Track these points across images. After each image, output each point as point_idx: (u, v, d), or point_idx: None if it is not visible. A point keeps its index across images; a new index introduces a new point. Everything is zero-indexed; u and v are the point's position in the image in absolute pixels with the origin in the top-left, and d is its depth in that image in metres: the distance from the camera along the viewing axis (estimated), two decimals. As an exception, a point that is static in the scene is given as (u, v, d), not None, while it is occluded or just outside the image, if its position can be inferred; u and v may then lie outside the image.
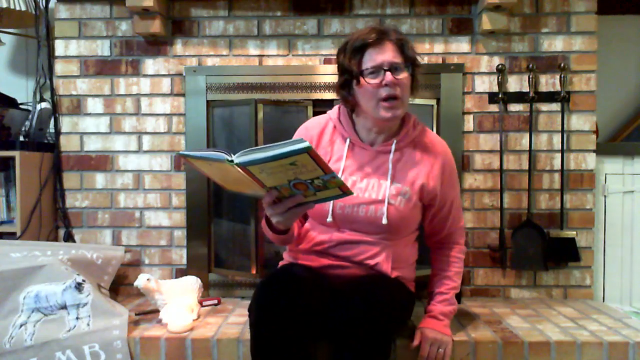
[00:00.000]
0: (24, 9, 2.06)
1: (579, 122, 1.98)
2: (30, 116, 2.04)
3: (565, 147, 1.97)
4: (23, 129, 2.05)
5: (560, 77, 1.96)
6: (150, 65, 2.04)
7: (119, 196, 2.06)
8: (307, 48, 2.01)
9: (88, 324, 1.55)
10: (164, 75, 2.04)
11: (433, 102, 1.96)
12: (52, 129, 2.09)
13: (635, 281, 2.07)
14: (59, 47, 2.05)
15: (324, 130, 1.48)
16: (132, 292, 1.99)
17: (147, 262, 2.06)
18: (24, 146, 1.94)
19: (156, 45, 2.04)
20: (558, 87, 1.97)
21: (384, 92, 1.32)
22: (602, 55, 2.04)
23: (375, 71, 1.33)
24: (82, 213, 2.06)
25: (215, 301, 1.91)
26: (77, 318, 1.55)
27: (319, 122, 1.50)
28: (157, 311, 1.69)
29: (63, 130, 2.06)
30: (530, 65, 1.95)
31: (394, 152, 1.42)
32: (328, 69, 1.98)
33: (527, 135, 1.97)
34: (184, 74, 2.02)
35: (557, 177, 1.98)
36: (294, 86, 1.97)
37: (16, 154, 1.89)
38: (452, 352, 1.44)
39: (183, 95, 2.03)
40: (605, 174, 2.07)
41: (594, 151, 1.98)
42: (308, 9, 2.00)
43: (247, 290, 2.00)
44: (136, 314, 1.70)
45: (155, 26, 1.94)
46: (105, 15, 2.04)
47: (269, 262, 1.95)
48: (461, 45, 1.98)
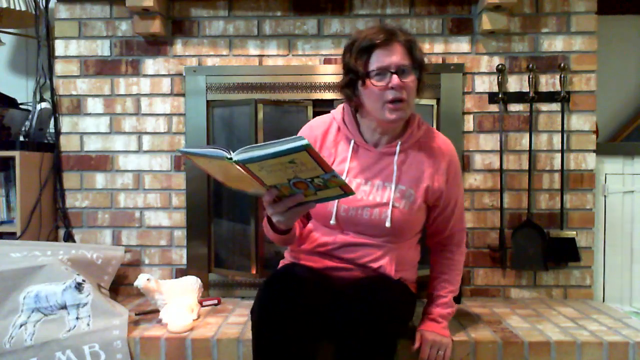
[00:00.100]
0: (24, 9, 2.06)
1: (579, 122, 1.98)
2: (30, 116, 2.04)
3: (565, 147, 1.97)
4: (23, 129, 2.05)
5: (560, 77, 1.96)
6: (150, 65, 2.04)
7: (119, 196, 2.06)
8: (307, 48, 2.01)
9: (88, 324, 1.55)
10: (164, 75, 2.04)
11: (433, 102, 1.96)
12: (52, 129, 2.08)
13: (635, 281, 2.07)
14: (59, 47, 2.05)
15: (328, 130, 1.46)
16: (132, 292, 1.99)
17: (147, 262, 2.06)
18: (24, 146, 1.94)
19: (156, 45, 2.04)
20: (558, 87, 1.97)
21: (390, 94, 1.30)
22: (602, 55, 2.04)
23: (382, 73, 1.30)
24: (82, 213, 2.06)
25: (215, 301, 1.91)
26: (77, 318, 1.55)
27: (323, 122, 1.48)
28: (157, 311, 1.69)
29: (63, 130, 2.06)
30: (530, 65, 1.95)
31: (399, 153, 1.40)
32: (328, 69, 1.98)
33: (527, 135, 1.97)
34: (184, 74, 2.02)
35: (557, 177, 1.98)
36: (294, 86, 1.97)
37: (16, 154, 1.89)
38: (452, 352, 1.44)
39: (183, 95, 2.03)
40: (605, 174, 2.07)
41: (594, 151, 1.98)
42: (308, 9, 2.00)
43: (247, 290, 2.00)
44: (136, 314, 1.70)
45: (155, 26, 1.94)
46: (105, 15, 2.04)
47: (269, 262, 1.95)
48: (461, 45, 1.98)
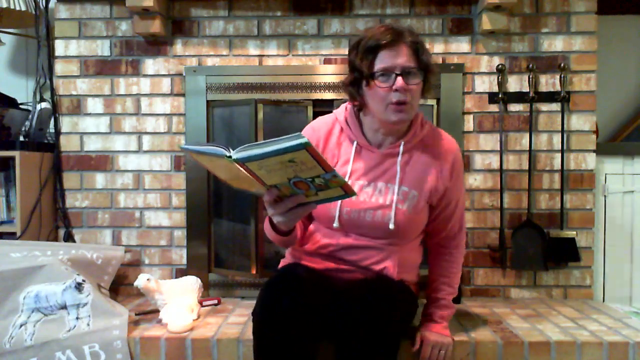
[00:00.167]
0: (24, 9, 2.06)
1: (579, 122, 1.98)
2: (30, 116, 2.04)
3: (565, 147, 1.97)
4: (23, 129, 2.05)
5: (560, 77, 1.95)
6: (150, 65, 2.04)
7: (119, 196, 2.06)
8: (307, 48, 2.01)
9: (88, 324, 1.55)
10: (164, 75, 2.04)
11: (433, 102, 1.96)
12: (52, 129, 2.08)
13: (635, 281, 2.07)
14: (59, 47, 2.05)
15: (331, 131, 1.43)
16: (132, 292, 1.99)
17: (147, 262, 2.06)
18: (24, 146, 1.94)
19: (156, 45, 2.04)
20: (558, 87, 1.97)
21: (394, 97, 1.28)
22: (602, 55, 2.04)
23: (387, 74, 1.28)
24: (82, 213, 2.06)
25: (215, 301, 1.91)
26: (77, 318, 1.55)
27: (325, 123, 1.45)
28: (157, 311, 1.69)
29: (63, 130, 2.06)
30: (530, 65, 1.95)
31: (402, 154, 1.38)
32: (328, 69, 1.98)
33: (527, 135, 1.97)
34: (184, 74, 2.02)
35: (557, 177, 1.98)
36: (294, 86, 1.97)
37: (16, 154, 1.89)
38: (452, 352, 1.44)
39: (183, 95, 2.03)
40: (605, 174, 2.07)
41: (594, 151, 1.98)
42: (308, 9, 2.00)
43: (247, 290, 2.00)
44: (136, 314, 1.70)
45: (155, 26, 1.94)
46: (105, 15, 2.04)
47: (269, 262, 1.95)
48: (461, 45, 1.98)
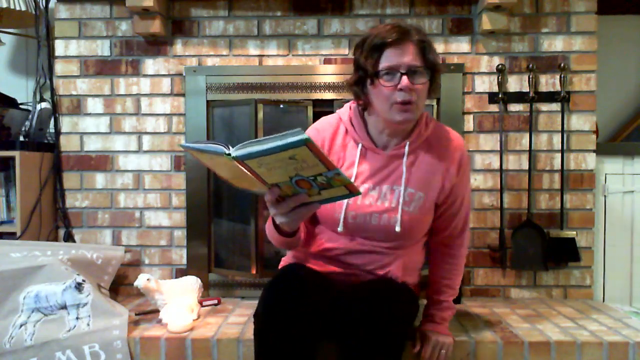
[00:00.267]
0: (24, 9, 2.06)
1: (579, 122, 1.98)
2: (30, 116, 2.04)
3: (565, 147, 1.97)
4: (23, 129, 2.05)
5: (560, 77, 1.95)
6: (150, 65, 2.04)
7: (119, 196, 2.06)
8: (307, 48, 2.01)
9: (88, 324, 1.55)
10: (164, 75, 2.04)
11: (433, 102, 1.96)
12: (52, 129, 2.08)
13: (635, 281, 2.07)
14: (59, 47, 2.05)
15: (336, 133, 1.40)
16: (132, 292, 1.99)
17: (147, 262, 2.06)
18: (24, 146, 1.94)
19: (156, 45, 2.04)
20: (558, 87, 1.97)
21: (399, 96, 1.25)
22: (602, 55, 2.04)
23: (392, 73, 1.25)
24: (82, 213, 2.06)
25: (215, 301, 1.91)
26: (77, 318, 1.55)
27: (330, 124, 1.42)
28: (157, 311, 1.69)
29: (63, 130, 2.06)
30: (530, 65, 1.95)
31: (407, 155, 1.35)
32: (328, 69, 1.98)
33: (527, 135, 1.97)
34: (184, 74, 2.02)
35: (557, 177, 1.98)
36: (294, 86, 1.97)
37: (16, 154, 1.89)
38: (452, 352, 1.44)
39: (183, 95, 2.03)
40: (605, 174, 2.07)
41: (594, 151, 1.98)
42: (308, 9, 2.00)
43: (247, 290, 2.00)
44: (136, 314, 1.70)
45: (155, 26, 1.94)
46: (105, 15, 2.04)
47: (269, 262, 1.95)
48: (461, 45, 1.98)
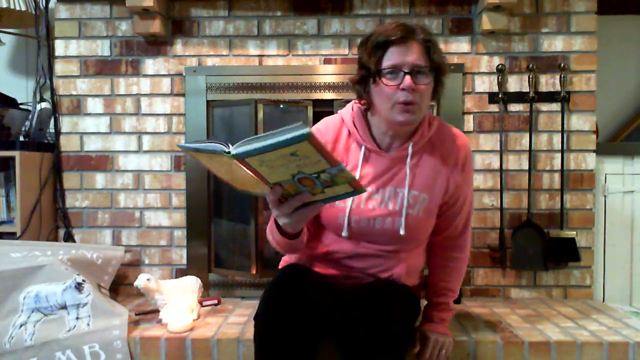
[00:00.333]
0: (24, 9, 2.06)
1: (579, 122, 1.98)
2: (30, 116, 2.04)
3: (565, 147, 1.97)
4: (23, 129, 2.05)
5: (560, 77, 1.95)
6: (150, 65, 2.04)
7: (119, 196, 2.06)
8: (307, 48, 2.01)
9: (88, 324, 1.55)
10: (164, 75, 2.04)
11: (433, 102, 1.96)
12: (52, 129, 2.08)
13: (635, 281, 2.07)
14: (59, 47, 2.05)
15: (338, 135, 1.37)
16: (132, 292, 1.99)
17: (147, 262, 2.06)
18: (24, 146, 1.94)
19: (156, 45, 2.04)
20: (558, 87, 1.97)
21: (401, 96, 1.22)
22: (602, 55, 2.04)
23: (395, 72, 1.22)
24: (82, 213, 2.06)
25: (215, 301, 1.91)
26: (77, 318, 1.55)
27: (334, 126, 1.38)
28: (157, 311, 1.69)
29: (63, 130, 2.06)
30: (530, 65, 1.95)
31: (411, 156, 1.33)
32: (328, 69, 1.98)
33: (527, 135, 1.97)
34: (184, 74, 2.02)
35: (557, 177, 1.98)
36: (294, 86, 1.97)
37: (16, 154, 1.89)
38: (452, 352, 1.44)
39: (183, 95, 2.03)
40: (605, 174, 2.07)
41: (594, 151, 1.98)
42: (308, 9, 2.00)
43: (247, 290, 2.00)
44: (136, 314, 1.70)
45: (155, 26, 1.94)
46: (105, 15, 2.04)
47: (269, 262, 1.95)
48: (461, 45, 1.98)
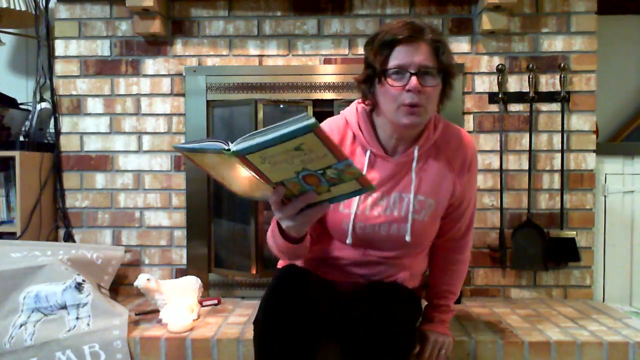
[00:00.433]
0: (24, 9, 2.06)
1: (579, 122, 1.98)
2: (30, 116, 2.04)
3: (565, 147, 1.97)
4: (23, 129, 2.05)
5: (560, 77, 1.96)
6: (150, 65, 2.04)
7: (119, 196, 2.06)
8: (307, 48, 2.01)
9: (88, 324, 1.55)
10: (164, 75, 2.04)
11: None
12: (52, 129, 2.08)
13: (635, 281, 2.07)
14: (59, 47, 2.05)
15: (343, 139, 1.31)
16: (132, 292, 1.99)
17: (147, 262, 2.06)
18: (24, 146, 1.94)
19: (156, 45, 2.04)
20: (558, 87, 1.97)
21: (407, 98, 1.17)
22: (602, 55, 2.04)
23: (401, 72, 1.17)
24: (82, 213, 2.06)
25: (215, 301, 1.91)
26: (77, 318, 1.55)
27: (337, 128, 1.32)
28: (157, 311, 1.69)
29: (63, 130, 2.06)
30: (530, 65, 1.95)
31: (417, 160, 1.29)
32: (328, 69, 1.98)
33: (527, 135, 1.97)
34: (184, 74, 2.02)
35: (557, 177, 1.98)
36: (294, 86, 1.97)
37: (16, 154, 1.89)
38: (452, 352, 1.44)
39: (183, 95, 2.03)
40: (605, 174, 2.07)
41: (594, 151, 1.98)
42: (308, 9, 2.00)
43: (247, 290, 2.00)
44: (136, 314, 1.70)
45: (155, 26, 1.94)
46: (105, 15, 2.04)
47: (269, 262, 1.95)
48: (461, 45, 1.98)
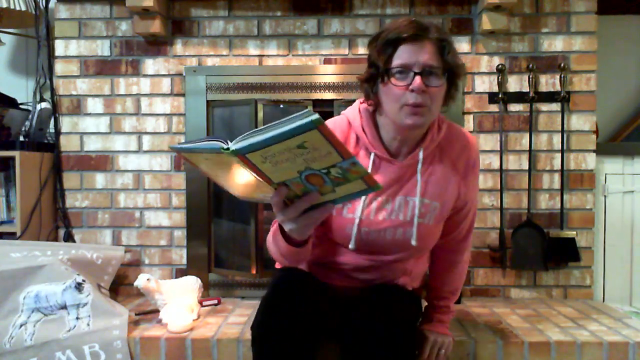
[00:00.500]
0: (24, 9, 2.06)
1: (579, 122, 1.98)
2: (30, 116, 2.04)
3: (565, 147, 1.97)
4: (23, 129, 2.05)
5: (560, 77, 1.95)
6: (150, 65, 2.04)
7: (119, 196, 2.06)
8: (307, 48, 2.01)
9: (88, 324, 1.55)
10: (164, 75, 2.04)
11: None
12: (52, 129, 2.08)
13: (635, 281, 2.07)
14: (59, 47, 2.05)
15: (347, 140, 1.28)
16: (132, 292, 1.99)
17: (147, 262, 2.06)
18: (24, 146, 1.94)
19: (156, 45, 2.04)
20: (558, 87, 1.97)
21: (410, 98, 1.14)
22: (602, 55, 2.04)
23: (404, 72, 1.14)
24: (82, 213, 2.06)
25: (215, 301, 1.91)
26: (77, 318, 1.55)
27: (340, 129, 1.28)
28: (157, 311, 1.69)
29: (63, 130, 2.06)
30: (530, 65, 1.95)
31: (422, 163, 1.26)
32: (328, 69, 1.98)
33: (527, 135, 1.97)
34: (184, 74, 2.02)
35: (557, 177, 1.98)
36: (294, 86, 1.97)
37: (16, 154, 1.89)
38: (452, 352, 1.44)
39: (183, 95, 2.03)
40: (605, 174, 2.07)
41: (594, 151, 1.98)
42: (308, 9, 2.00)
43: (247, 290, 2.00)
44: (136, 314, 1.70)
45: (155, 26, 1.94)
46: (105, 15, 2.04)
47: (269, 262, 1.95)
48: (461, 45, 1.98)
